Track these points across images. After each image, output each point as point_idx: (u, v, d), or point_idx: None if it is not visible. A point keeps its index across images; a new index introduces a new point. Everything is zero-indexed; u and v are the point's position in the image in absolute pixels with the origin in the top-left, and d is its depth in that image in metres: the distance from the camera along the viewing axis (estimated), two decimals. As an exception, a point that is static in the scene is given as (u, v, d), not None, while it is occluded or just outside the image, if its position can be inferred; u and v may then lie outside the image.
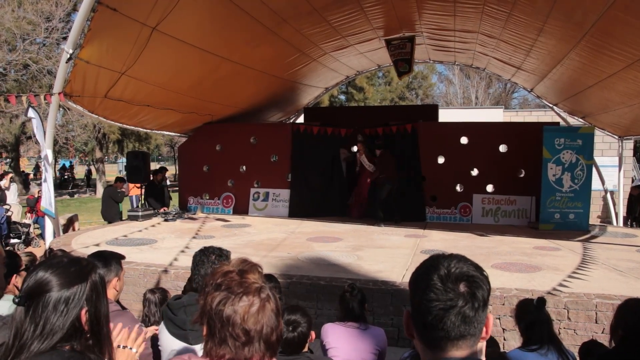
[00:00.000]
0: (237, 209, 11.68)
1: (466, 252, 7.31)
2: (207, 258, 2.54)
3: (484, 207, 10.53)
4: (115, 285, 2.65)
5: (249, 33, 8.77)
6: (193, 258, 2.58)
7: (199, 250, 2.62)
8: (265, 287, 1.29)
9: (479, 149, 10.54)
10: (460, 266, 1.22)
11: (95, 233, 9.18)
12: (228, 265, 1.35)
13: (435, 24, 10.01)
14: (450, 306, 1.17)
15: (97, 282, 1.52)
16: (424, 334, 1.22)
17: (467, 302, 1.18)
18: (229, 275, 1.29)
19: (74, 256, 1.61)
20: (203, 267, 2.52)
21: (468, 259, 1.27)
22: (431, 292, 1.19)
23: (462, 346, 1.20)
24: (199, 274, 2.53)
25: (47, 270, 1.46)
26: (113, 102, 8.87)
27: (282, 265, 6.57)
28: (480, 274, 1.23)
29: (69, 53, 7.20)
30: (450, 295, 1.18)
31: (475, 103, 39.99)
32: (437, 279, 1.20)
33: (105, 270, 2.59)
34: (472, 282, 1.20)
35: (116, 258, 2.72)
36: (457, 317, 1.17)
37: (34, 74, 17.75)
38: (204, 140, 11.99)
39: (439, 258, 1.26)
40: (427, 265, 1.26)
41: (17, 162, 26.42)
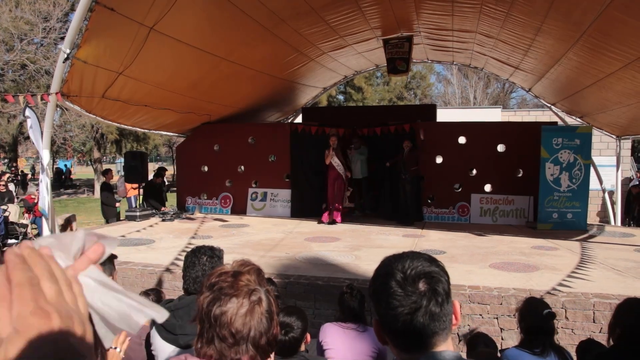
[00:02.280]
0: (235, 209, 11.67)
1: (464, 251, 7.35)
2: (198, 260, 2.51)
3: (482, 207, 10.53)
4: (110, 286, 2.63)
5: (247, 33, 8.76)
6: (184, 259, 2.56)
7: (190, 251, 2.59)
8: (259, 290, 1.28)
9: (477, 148, 10.55)
10: (415, 265, 1.19)
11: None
12: (227, 266, 1.34)
13: (434, 24, 10.01)
14: (415, 309, 1.15)
15: None
16: (397, 340, 1.21)
17: (431, 299, 1.16)
18: (223, 276, 1.28)
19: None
20: (194, 269, 2.49)
21: (421, 253, 1.25)
22: (393, 299, 1.17)
23: (437, 342, 1.18)
24: (190, 276, 2.50)
25: None
26: (111, 102, 8.85)
27: (279, 265, 6.56)
28: (436, 267, 1.21)
29: (66, 53, 7.17)
30: (413, 298, 1.16)
31: (474, 103, 39.97)
32: (395, 285, 1.18)
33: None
34: (430, 278, 1.18)
35: (109, 258, 2.69)
36: (425, 316, 1.16)
37: (31, 74, 17.72)
38: (202, 140, 11.98)
39: (391, 263, 1.23)
40: (382, 273, 1.23)
41: (15, 162, 26.41)
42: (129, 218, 10.56)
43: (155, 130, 11.79)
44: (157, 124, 11.03)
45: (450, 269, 5.01)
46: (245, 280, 1.27)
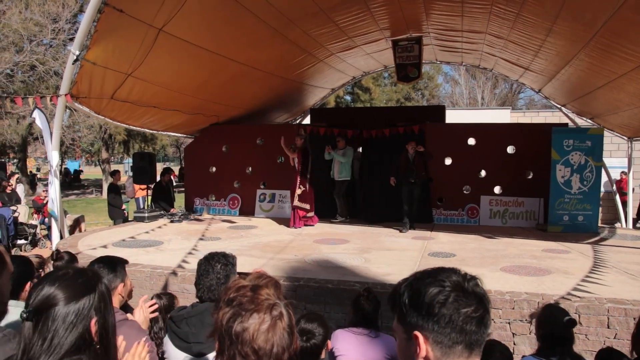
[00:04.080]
0: (243, 210, 11.66)
1: (474, 254, 7.29)
2: (212, 268, 2.46)
3: (492, 209, 10.45)
4: (121, 292, 2.61)
5: (256, 34, 8.74)
6: (197, 266, 2.52)
7: (204, 258, 2.55)
8: (279, 305, 1.25)
9: (487, 150, 10.47)
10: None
11: (102, 234, 9.16)
12: (244, 279, 1.30)
13: (443, 25, 9.95)
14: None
15: (104, 292, 1.49)
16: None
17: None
18: (241, 290, 1.24)
19: (79, 267, 1.58)
20: (208, 277, 2.45)
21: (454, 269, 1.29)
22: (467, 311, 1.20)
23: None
24: (204, 284, 2.46)
25: (54, 284, 1.43)
26: (119, 104, 8.86)
27: (288, 268, 6.53)
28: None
29: (75, 54, 7.19)
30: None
31: (482, 103, 39.79)
32: (462, 303, 1.21)
33: (111, 276, 2.55)
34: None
35: (121, 263, 2.67)
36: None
37: (40, 75, 17.80)
38: (210, 141, 11.97)
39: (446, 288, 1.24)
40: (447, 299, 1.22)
41: (24, 162, 26.53)
42: (138, 219, 10.56)
43: (163, 132, 11.79)
44: (165, 125, 11.04)
45: (463, 274, 4.86)
46: (265, 295, 1.24)
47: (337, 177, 10.75)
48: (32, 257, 4.54)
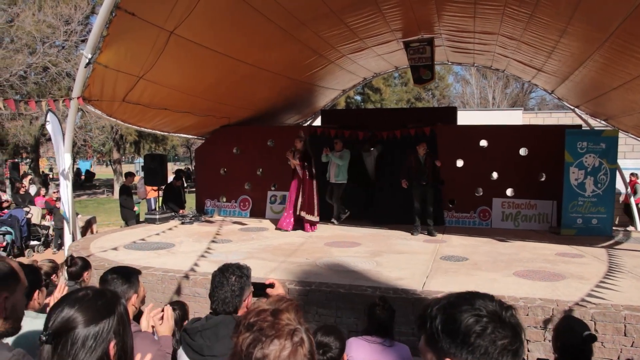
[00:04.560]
0: (254, 212, 11.66)
1: (487, 258, 7.23)
2: (226, 280, 2.43)
3: (504, 212, 10.36)
4: (134, 302, 2.60)
5: (267, 36, 8.72)
6: (212, 278, 2.49)
7: (218, 270, 2.52)
8: (300, 330, 1.22)
9: (499, 152, 10.38)
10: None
11: (114, 236, 9.19)
12: (264, 303, 1.27)
13: (455, 26, 9.88)
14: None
15: (122, 314, 1.48)
16: None
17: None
18: (262, 315, 1.21)
19: (98, 288, 1.56)
20: (222, 289, 2.42)
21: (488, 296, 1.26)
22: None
23: None
24: (218, 297, 2.43)
25: (73, 307, 1.42)
26: (131, 106, 8.88)
27: (300, 271, 6.51)
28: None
29: (87, 57, 7.19)
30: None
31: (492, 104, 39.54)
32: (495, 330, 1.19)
33: (126, 287, 2.54)
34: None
35: (135, 274, 2.66)
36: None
37: (53, 77, 17.91)
38: (221, 142, 11.98)
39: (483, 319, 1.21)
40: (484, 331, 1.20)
41: (36, 163, 26.75)
42: (149, 221, 10.59)
43: (174, 133, 11.82)
44: (176, 126, 11.06)
45: (474, 277, 4.93)
46: (286, 320, 1.21)
47: (333, 180, 10.47)
48: (45, 263, 4.55)
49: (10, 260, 1.71)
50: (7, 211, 11.54)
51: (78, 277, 4.23)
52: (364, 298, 5.55)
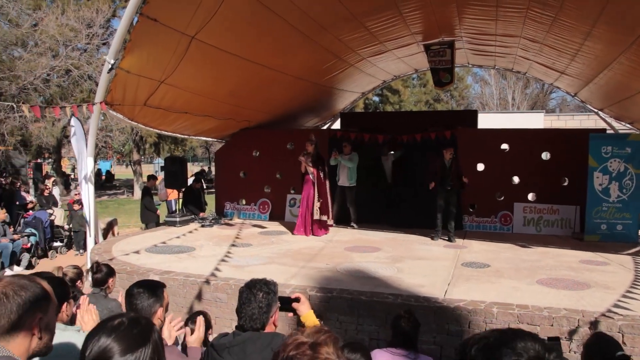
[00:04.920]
0: (273, 215, 11.68)
1: (509, 265, 7.14)
2: (254, 297, 2.42)
3: (526, 216, 10.23)
4: (160, 316, 2.60)
5: (287, 40, 8.73)
6: (239, 294, 2.48)
7: (245, 285, 2.51)
8: None
9: (520, 156, 10.24)
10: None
11: (135, 239, 9.27)
12: (302, 335, 1.26)
13: (476, 29, 9.79)
14: None
15: (157, 341, 1.49)
16: None
17: None
18: (301, 348, 1.20)
19: (134, 316, 1.56)
20: (250, 305, 2.40)
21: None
22: None
23: None
24: (246, 313, 2.41)
25: (110, 336, 1.43)
26: (152, 110, 8.95)
27: (320, 277, 6.49)
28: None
29: (110, 63, 7.28)
30: None
31: (512, 104, 39.14)
32: None
33: (152, 301, 2.54)
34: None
35: (160, 287, 2.67)
36: None
37: (75, 79, 18.15)
38: (240, 145, 12.02)
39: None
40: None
41: (59, 163, 27.15)
42: (169, 223, 10.66)
43: (194, 136, 11.89)
44: (196, 130, 11.13)
45: (496, 285, 4.86)
46: (325, 354, 1.19)
47: (346, 183, 10.47)
48: (70, 269, 4.60)
49: (41, 280, 1.72)
50: (32, 213, 11.72)
51: (103, 284, 4.27)
52: (386, 306, 5.53)
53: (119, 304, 4.21)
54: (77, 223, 11.27)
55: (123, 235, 10.09)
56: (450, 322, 5.26)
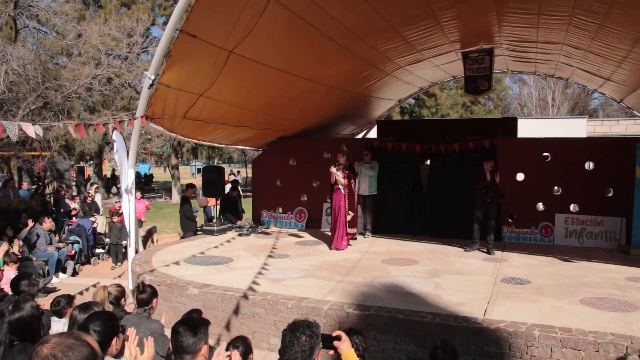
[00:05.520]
0: (310, 223, 11.71)
1: (550, 281, 6.97)
2: (297, 340, 2.41)
3: (567, 228, 9.96)
4: (205, 353, 2.63)
5: (324, 51, 8.74)
6: (282, 336, 2.48)
7: (289, 328, 2.50)
8: None
9: (563, 166, 9.98)
10: None
11: (174, 248, 9.44)
12: None
13: (516, 36, 9.60)
14: None
15: None
16: None
17: None
18: None
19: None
20: (292, 348, 2.40)
21: None
22: None
23: None
24: (289, 356, 2.41)
25: None
26: (191, 122, 9.10)
27: (358, 293, 6.47)
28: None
29: (151, 79, 7.43)
30: None
31: (552, 105, 38.19)
32: None
33: (196, 339, 2.57)
34: None
35: (204, 325, 2.70)
36: None
37: (116, 88, 18.62)
38: (277, 154, 12.10)
39: None
40: None
41: (100, 167, 27.93)
42: (207, 232, 10.81)
43: (232, 145, 12.04)
44: (234, 139, 11.26)
45: (538, 304, 4.74)
46: None
47: (366, 192, 10.45)
48: (113, 288, 4.72)
49: (87, 336, 1.76)
50: (75, 220, 12.06)
51: (147, 304, 4.35)
52: (424, 325, 5.47)
53: (162, 325, 4.29)
54: (114, 236, 11.37)
55: (162, 245, 10.26)
56: (490, 344, 5.16)
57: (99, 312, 3.11)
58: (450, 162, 10.62)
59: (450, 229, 10.32)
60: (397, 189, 11.01)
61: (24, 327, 3.15)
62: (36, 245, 9.35)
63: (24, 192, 14.15)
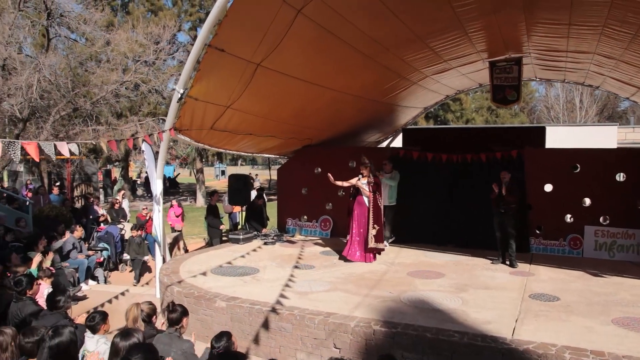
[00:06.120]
0: (335, 232, 11.71)
1: (580, 299, 6.86)
2: None
3: (597, 240, 9.78)
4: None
5: (350, 62, 8.75)
6: None
7: None
8: None
9: (593, 177, 9.80)
10: None
11: (200, 257, 9.54)
12: None
13: (545, 46, 9.46)
14: None
15: None
16: None
17: None
18: None
19: None
20: None
21: None
22: None
23: None
24: None
25: None
26: (218, 132, 9.19)
27: (384, 308, 6.45)
28: None
29: (180, 92, 7.52)
30: None
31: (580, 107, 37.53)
32: None
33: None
34: None
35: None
36: None
37: (143, 94, 18.90)
38: (303, 162, 12.13)
39: None
40: None
41: (126, 170, 28.39)
42: (233, 241, 10.89)
43: (257, 154, 12.12)
44: (260, 148, 11.33)
45: (567, 324, 4.68)
46: None
47: (387, 202, 10.26)
48: (145, 305, 4.80)
49: None
50: (104, 227, 12.27)
51: (178, 323, 4.42)
52: (451, 345, 5.43)
53: (192, 344, 4.35)
54: (133, 251, 11.18)
55: (190, 254, 10.35)
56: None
57: (140, 344, 3.18)
58: (476, 171, 10.52)
59: (476, 239, 10.22)
60: (424, 198, 10.94)
61: (63, 351, 3.27)
62: (69, 255, 9.52)
63: (54, 197, 14.43)
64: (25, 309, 5.25)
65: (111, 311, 7.90)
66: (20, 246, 8.66)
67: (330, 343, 5.97)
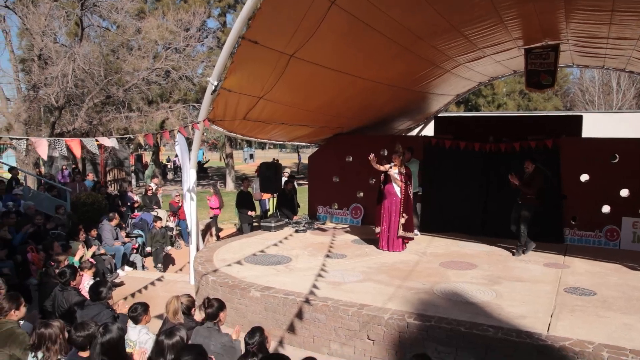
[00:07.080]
0: (365, 220, 11.72)
1: (618, 293, 6.75)
2: None
3: (635, 232, 9.56)
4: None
5: (383, 51, 8.69)
6: None
7: None
8: None
9: (631, 167, 9.56)
10: None
11: (233, 245, 9.67)
12: None
13: (585, 33, 9.21)
14: None
15: None
16: None
17: None
18: None
19: None
20: None
21: None
22: None
23: None
24: None
25: None
26: (250, 122, 9.27)
27: (417, 301, 6.46)
28: None
29: (214, 85, 7.60)
30: None
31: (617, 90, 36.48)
32: None
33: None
34: None
35: None
36: None
37: (174, 80, 19.09)
38: (334, 151, 12.14)
39: None
40: None
41: (157, 155, 28.83)
42: (264, 228, 11.00)
43: (289, 142, 12.18)
44: (291, 137, 11.39)
45: (604, 320, 4.62)
46: None
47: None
48: (184, 297, 4.91)
49: None
50: (138, 214, 12.53)
51: (215, 318, 4.52)
52: (485, 339, 5.42)
53: (231, 338, 4.45)
54: (157, 242, 11.29)
55: (222, 241, 10.48)
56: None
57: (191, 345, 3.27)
58: (509, 160, 10.35)
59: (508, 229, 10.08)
60: (455, 187, 10.84)
61: (113, 347, 3.42)
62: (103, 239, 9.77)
63: (89, 182, 14.78)
64: (70, 299, 5.45)
65: (147, 298, 8.13)
66: (62, 234, 8.91)
67: (363, 335, 6.03)
